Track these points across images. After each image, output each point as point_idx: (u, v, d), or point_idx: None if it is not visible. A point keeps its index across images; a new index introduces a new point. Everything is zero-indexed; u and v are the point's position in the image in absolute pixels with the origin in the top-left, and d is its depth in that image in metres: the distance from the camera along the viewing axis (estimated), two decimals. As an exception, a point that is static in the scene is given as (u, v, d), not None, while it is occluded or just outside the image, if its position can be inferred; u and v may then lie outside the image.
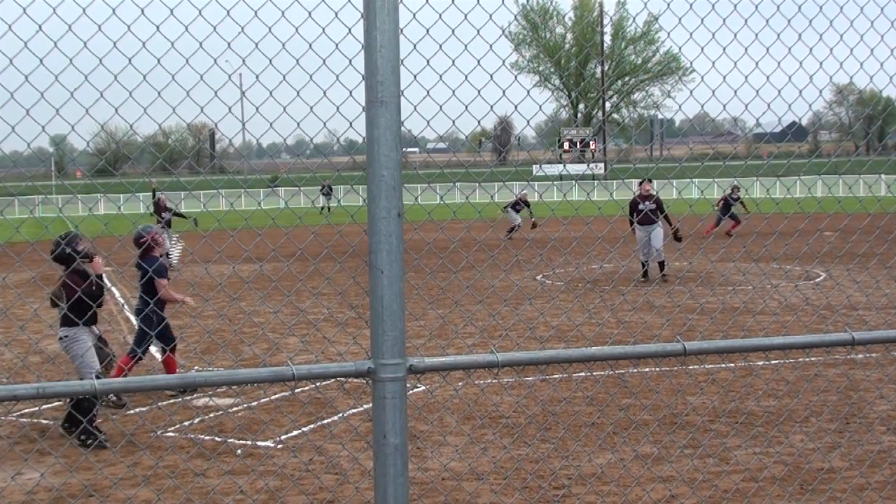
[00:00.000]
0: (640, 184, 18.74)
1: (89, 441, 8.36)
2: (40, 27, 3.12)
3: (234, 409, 9.60)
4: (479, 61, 3.79)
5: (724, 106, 4.31)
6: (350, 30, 3.30)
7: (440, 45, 3.57)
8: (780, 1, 4.34)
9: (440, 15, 3.62)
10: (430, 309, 13.64)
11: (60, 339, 8.72)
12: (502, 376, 10.30)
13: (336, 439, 8.31)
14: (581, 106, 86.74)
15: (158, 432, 8.84)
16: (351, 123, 3.49)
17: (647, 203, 17.97)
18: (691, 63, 4.76)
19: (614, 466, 7.49)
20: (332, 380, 10.03)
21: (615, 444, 8.07)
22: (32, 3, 3.09)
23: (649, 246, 18.19)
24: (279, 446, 8.30)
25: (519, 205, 29.17)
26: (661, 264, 18.43)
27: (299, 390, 10.07)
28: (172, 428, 9.00)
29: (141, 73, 3.25)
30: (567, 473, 7.39)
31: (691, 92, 4.40)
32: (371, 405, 3.22)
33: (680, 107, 4.70)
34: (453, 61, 3.75)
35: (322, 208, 41.88)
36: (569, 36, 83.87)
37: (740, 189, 27.04)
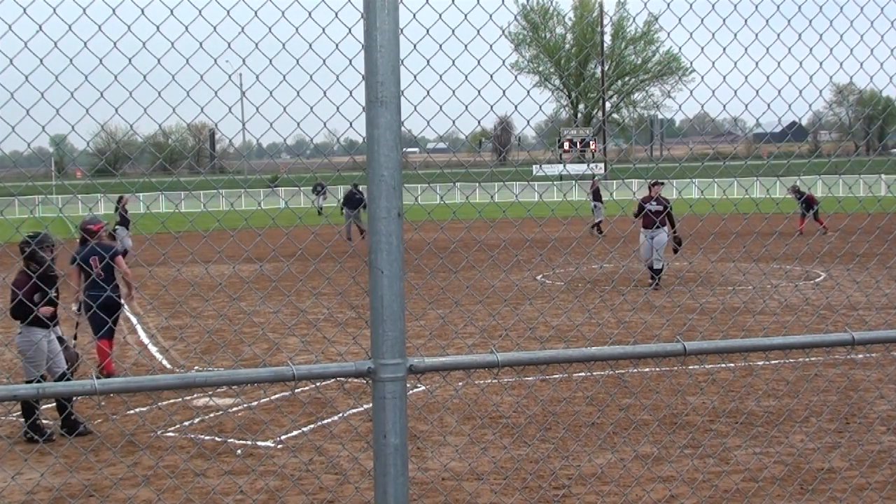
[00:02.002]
0: (653, 185, 17.63)
1: (36, 437, 8.49)
2: (40, 27, 3.12)
3: (234, 409, 9.60)
4: (479, 61, 3.79)
5: (724, 106, 4.31)
6: (350, 30, 3.30)
7: (440, 45, 3.57)
8: (780, 1, 4.34)
9: (440, 15, 3.62)
10: (430, 309, 13.64)
11: (18, 333, 8.87)
12: (502, 376, 10.30)
13: (336, 439, 8.31)
14: (581, 106, 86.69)
15: (158, 432, 8.84)
16: (351, 123, 3.50)
17: (652, 204, 17.07)
18: (691, 63, 4.76)
19: (614, 466, 7.49)
20: (332, 380, 10.03)
21: (615, 444, 8.07)
22: (32, 3, 3.09)
23: (650, 251, 17.26)
24: (279, 446, 8.30)
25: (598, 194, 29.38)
26: (658, 271, 17.28)
27: (299, 390, 10.07)
28: (172, 428, 9.00)
29: (141, 73, 3.25)
30: (567, 473, 7.39)
31: (691, 92, 4.40)
32: (371, 405, 3.22)
33: (680, 107, 4.70)
34: (453, 61, 3.75)
35: (319, 209, 41.39)
36: (569, 36, 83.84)
37: (798, 189, 27.07)
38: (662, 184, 17.63)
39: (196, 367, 11.47)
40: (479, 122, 4.02)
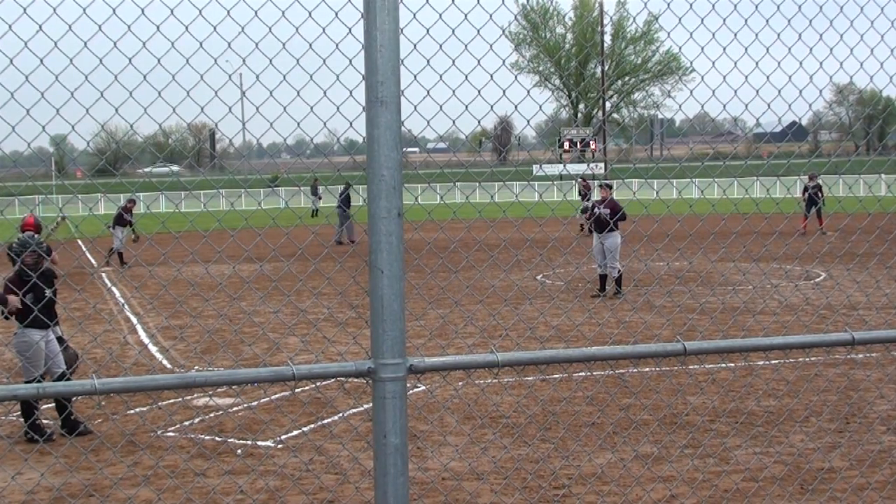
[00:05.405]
0: (599, 187, 17.23)
1: (36, 437, 8.47)
2: (40, 27, 3.12)
3: (234, 409, 9.60)
4: (479, 61, 3.79)
5: (725, 106, 4.31)
6: (350, 30, 3.30)
7: (440, 45, 3.57)
8: (780, 1, 4.34)
9: (440, 15, 3.62)
10: (430, 309, 13.64)
11: (14, 334, 8.87)
12: (502, 376, 10.30)
13: (336, 439, 8.32)
14: (581, 106, 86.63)
15: (158, 432, 8.84)
16: (351, 123, 3.49)
17: (599, 207, 16.57)
18: (691, 63, 4.76)
19: (614, 466, 7.49)
20: (332, 380, 10.03)
21: (615, 444, 8.07)
22: (32, 3, 3.09)
23: (603, 255, 16.60)
24: (279, 446, 8.30)
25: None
26: (617, 280, 16.72)
27: (299, 390, 10.07)
28: (172, 428, 9.00)
29: (141, 73, 3.25)
30: (567, 473, 7.39)
31: (691, 92, 4.40)
32: (371, 405, 3.22)
33: (680, 107, 4.69)
34: (453, 61, 3.75)
35: (313, 212, 40.87)
36: (569, 36, 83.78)
37: (816, 178, 26.71)
38: (610, 186, 17.21)
39: (196, 367, 11.47)
40: (479, 122, 4.02)
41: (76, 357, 9.26)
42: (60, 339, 9.00)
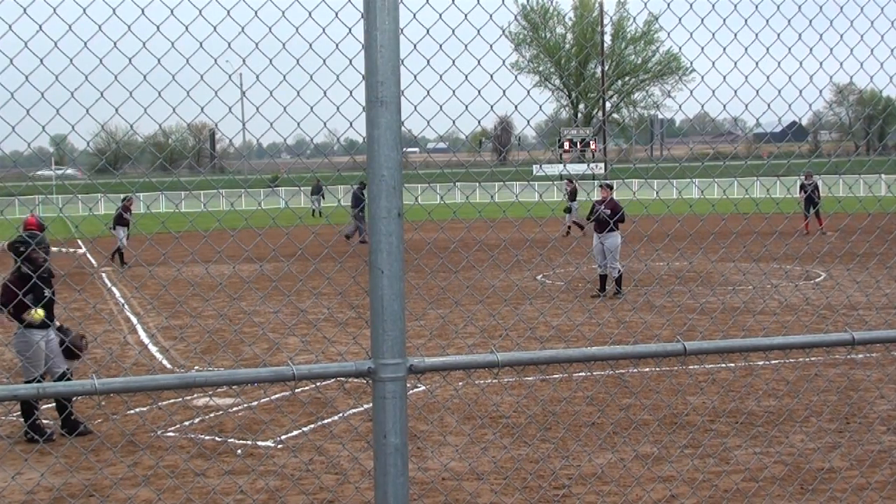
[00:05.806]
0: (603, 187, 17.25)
1: (36, 437, 8.43)
2: (40, 27, 3.12)
3: (234, 409, 9.60)
4: (479, 61, 3.79)
5: (725, 106, 4.31)
6: (350, 30, 3.30)
7: (440, 45, 3.57)
8: (780, 1, 4.34)
9: (440, 15, 3.62)
10: (430, 309, 13.64)
11: (14, 334, 8.84)
12: (502, 376, 10.30)
13: (336, 439, 8.31)
14: (581, 106, 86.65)
15: (158, 432, 8.84)
16: (351, 123, 3.50)
17: (600, 207, 16.37)
18: (691, 63, 4.77)
19: (614, 466, 7.49)
20: (333, 380, 10.03)
21: (615, 444, 8.07)
22: (32, 3, 3.09)
23: (603, 255, 16.56)
24: (279, 446, 8.30)
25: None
26: (617, 280, 16.71)
27: (299, 390, 10.07)
28: (172, 428, 9.00)
29: (141, 73, 3.25)
30: (567, 473, 7.39)
31: (691, 92, 4.40)
32: (371, 405, 3.22)
33: (680, 107, 4.70)
34: (453, 61, 3.75)
35: (313, 211, 40.69)
36: (569, 36, 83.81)
37: (813, 176, 26.50)
38: (611, 187, 17.16)
39: (196, 367, 11.47)
40: (479, 122, 4.02)
41: (81, 338, 9.13)
42: (63, 331, 8.91)
